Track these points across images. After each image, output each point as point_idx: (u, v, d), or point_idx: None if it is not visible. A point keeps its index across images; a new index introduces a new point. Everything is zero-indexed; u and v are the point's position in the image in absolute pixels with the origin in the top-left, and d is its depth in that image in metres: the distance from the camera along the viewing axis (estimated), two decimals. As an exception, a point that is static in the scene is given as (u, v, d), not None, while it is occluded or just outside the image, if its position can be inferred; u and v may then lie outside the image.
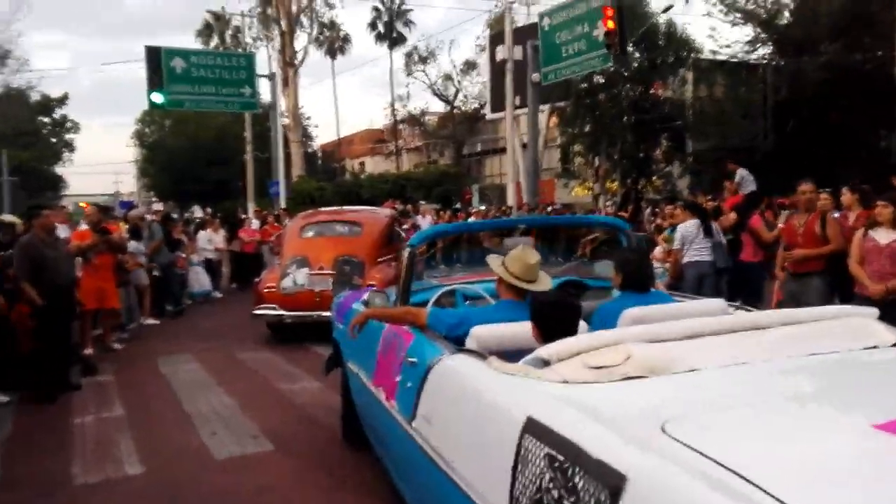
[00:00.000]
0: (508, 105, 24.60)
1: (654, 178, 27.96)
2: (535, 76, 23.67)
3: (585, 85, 26.83)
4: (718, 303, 3.29)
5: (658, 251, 9.53)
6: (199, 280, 12.58)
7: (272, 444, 4.82)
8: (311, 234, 9.14)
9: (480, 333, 2.90)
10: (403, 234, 11.10)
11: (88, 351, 8.07)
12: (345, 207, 11.80)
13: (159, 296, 10.88)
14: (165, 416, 5.63)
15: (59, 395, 6.23)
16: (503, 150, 48.11)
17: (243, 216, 16.31)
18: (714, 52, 27.29)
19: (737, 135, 26.52)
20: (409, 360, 3.11)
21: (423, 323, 3.28)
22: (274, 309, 8.34)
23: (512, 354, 2.66)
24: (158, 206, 47.86)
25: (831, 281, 5.57)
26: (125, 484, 4.17)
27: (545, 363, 2.29)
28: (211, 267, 13.51)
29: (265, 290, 8.49)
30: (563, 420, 1.89)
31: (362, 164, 57.22)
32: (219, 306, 12.18)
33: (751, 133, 26.71)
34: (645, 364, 2.09)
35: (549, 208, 23.16)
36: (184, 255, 11.73)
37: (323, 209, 10.86)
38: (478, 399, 2.37)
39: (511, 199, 24.35)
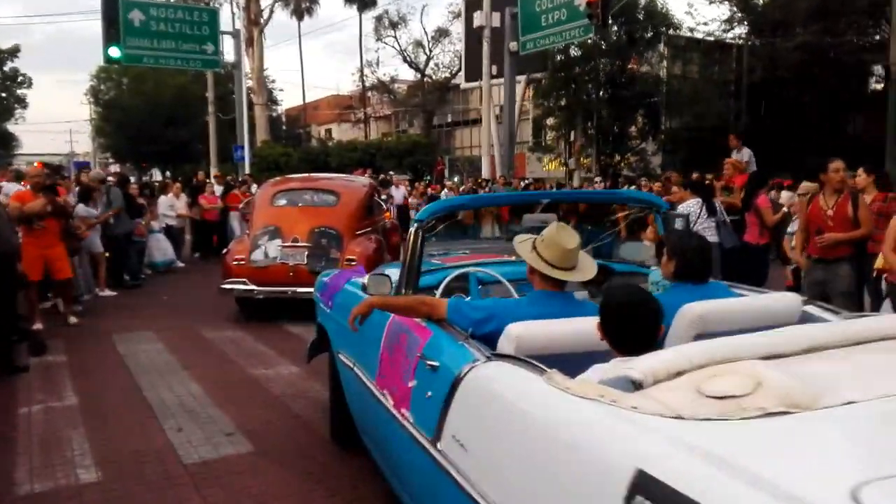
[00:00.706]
0: (485, 74, 23.90)
1: (627, 154, 27.64)
2: (513, 45, 23.00)
3: (562, 57, 26.26)
4: (791, 297, 2.79)
5: (650, 231, 9.10)
6: (161, 248, 11.76)
7: (250, 444, 4.23)
8: (283, 202, 8.44)
9: (519, 333, 2.34)
10: (384, 206, 10.50)
11: (38, 326, 7.34)
12: (318, 175, 11.11)
13: (116, 266, 10.10)
14: (124, 406, 4.99)
15: (1, 379, 5.54)
16: (474, 122, 47.52)
17: (205, 181, 15.38)
18: (691, 30, 26.95)
19: (711, 114, 26.38)
20: (429, 362, 2.54)
21: (442, 316, 2.72)
22: (244, 283, 7.67)
23: (555, 360, 2.14)
24: (115, 168, 46.17)
25: (858, 267, 5.17)
26: (77, 497, 3.54)
27: (636, 385, 1.75)
28: (172, 235, 12.69)
29: (234, 263, 7.80)
30: (695, 478, 1.35)
31: (329, 131, 56.02)
32: (181, 278, 11.42)
33: (725, 113, 26.57)
34: (783, 394, 1.56)
35: (523, 183, 22.67)
36: (143, 222, 10.92)
37: (294, 176, 10.11)
38: (546, 432, 1.82)
39: (486, 172, 23.78)
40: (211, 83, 29.88)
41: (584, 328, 2.39)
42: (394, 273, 4.34)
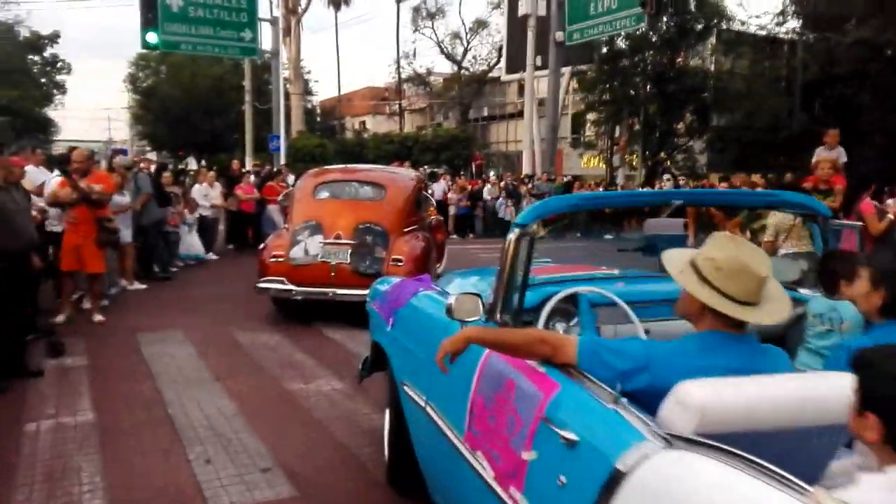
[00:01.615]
0: (529, 65, 23.05)
1: (674, 152, 26.55)
2: (559, 34, 22.11)
3: (609, 48, 25.27)
4: None
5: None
6: (187, 242, 11.16)
7: (288, 483, 3.53)
8: (325, 195, 7.75)
9: (704, 401, 1.56)
10: (433, 201, 9.76)
11: (60, 318, 6.79)
12: (362, 166, 10.41)
13: (146, 257, 9.53)
14: (146, 425, 4.33)
15: (10, 386, 4.93)
16: (510, 116, 46.61)
17: (243, 170, 14.81)
18: (743, 23, 25.75)
19: (763, 112, 25.16)
20: (560, 432, 1.78)
21: (571, 360, 1.96)
22: (282, 283, 7.00)
23: (752, 442, 1.40)
24: (151, 156, 46.28)
25: None
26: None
27: None
28: (205, 226, 12.12)
29: (271, 260, 7.13)
30: None
31: (363, 122, 55.49)
32: (214, 271, 10.82)
33: (777, 111, 25.32)
34: None
35: (564, 179, 21.79)
36: (176, 212, 10.34)
37: (336, 166, 9.39)
38: None
39: (526, 167, 22.95)
40: (248, 72, 29.45)
41: (795, 394, 1.63)
42: (464, 282, 3.64)
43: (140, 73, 40.29)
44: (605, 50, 25.09)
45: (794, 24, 26.24)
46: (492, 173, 29.16)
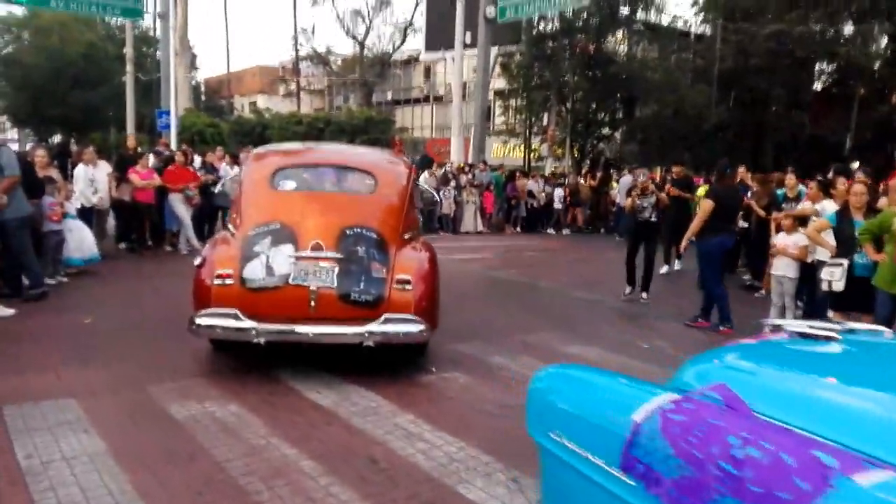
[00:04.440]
0: (458, 42, 21.08)
1: (598, 142, 25.54)
2: (490, 10, 20.37)
3: (538, 29, 23.80)
4: None
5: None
6: (77, 239, 8.40)
7: None
8: (290, 185, 5.46)
9: None
10: (436, 197, 7.60)
11: None
12: (331, 145, 8.05)
13: (10, 269, 6.84)
14: None
15: None
16: (416, 101, 44.65)
17: (138, 150, 11.99)
18: (660, 11, 25.20)
19: (686, 103, 24.69)
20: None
21: None
22: (233, 317, 4.67)
23: None
24: (12, 133, 40.72)
25: None
26: None
27: None
28: (88, 218, 9.35)
29: (215, 283, 4.78)
30: None
31: (254, 103, 51.70)
32: (109, 284, 8.16)
33: (698, 103, 24.90)
34: None
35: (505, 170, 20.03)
36: (58, 202, 7.63)
37: (294, 144, 6.83)
38: None
39: (455, 156, 21.04)
40: (130, 37, 25.71)
41: None
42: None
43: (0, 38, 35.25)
44: (533, 31, 23.56)
45: (712, 16, 25.95)
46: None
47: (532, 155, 25.97)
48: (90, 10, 19.81)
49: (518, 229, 16.99)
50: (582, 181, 18.99)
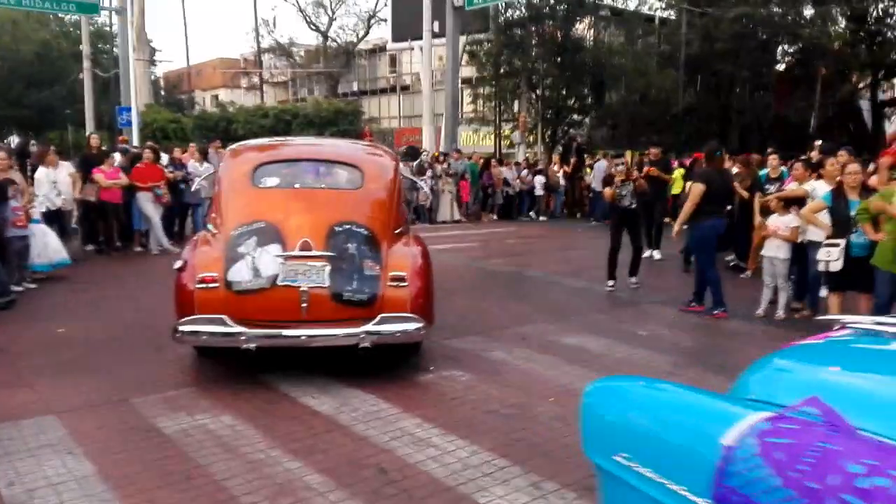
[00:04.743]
0: (426, 31, 20.81)
1: (569, 128, 25.47)
2: (457, -2, 20.09)
3: (507, 16, 23.59)
4: None
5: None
6: (41, 244, 8.00)
7: None
8: (273, 182, 5.18)
9: None
10: (427, 191, 7.35)
11: None
12: (312, 139, 7.72)
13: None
14: None
15: None
16: (382, 91, 44.14)
17: (102, 148, 11.51)
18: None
19: (653, 88, 24.80)
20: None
21: None
22: (220, 322, 4.41)
23: None
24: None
25: None
26: None
27: None
28: (52, 221, 8.92)
29: (198, 287, 4.51)
30: None
31: (216, 97, 50.68)
32: (79, 288, 7.79)
33: (666, 88, 25.01)
34: None
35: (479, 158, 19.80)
36: (23, 206, 7.22)
37: (273, 139, 6.48)
38: None
39: (427, 144, 20.79)
40: (85, 33, 24.90)
41: None
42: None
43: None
44: (501, 19, 23.34)
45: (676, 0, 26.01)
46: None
47: (503, 142, 25.80)
48: (44, 6, 19.12)
49: (495, 217, 16.83)
50: (555, 167, 18.87)
